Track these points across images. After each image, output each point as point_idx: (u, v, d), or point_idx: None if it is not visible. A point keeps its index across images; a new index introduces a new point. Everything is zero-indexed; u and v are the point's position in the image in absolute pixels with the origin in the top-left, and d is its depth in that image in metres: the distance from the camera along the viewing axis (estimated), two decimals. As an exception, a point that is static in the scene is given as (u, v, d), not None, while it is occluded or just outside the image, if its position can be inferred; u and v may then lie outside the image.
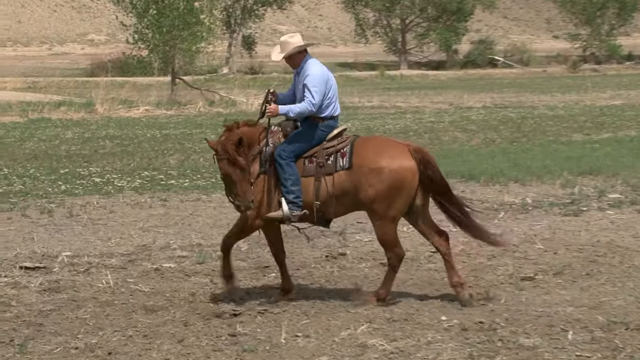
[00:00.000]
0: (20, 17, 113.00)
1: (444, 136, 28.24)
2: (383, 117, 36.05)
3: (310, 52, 10.75)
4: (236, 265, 12.26)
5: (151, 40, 49.75)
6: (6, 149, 25.96)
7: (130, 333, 9.37)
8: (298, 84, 10.63)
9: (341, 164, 10.36)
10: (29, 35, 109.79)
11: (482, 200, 17.03)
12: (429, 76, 75.98)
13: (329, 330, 9.33)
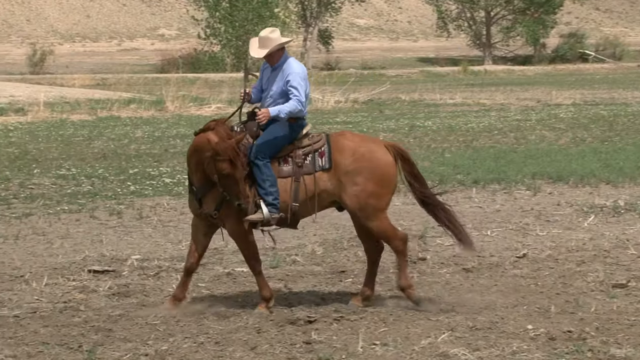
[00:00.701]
0: (89, 12, 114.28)
1: (531, 135, 28.01)
2: (466, 114, 35.82)
3: (389, 47, 10.71)
4: (311, 270, 12.32)
5: (223, 35, 50.09)
6: (74, 148, 26.28)
7: (201, 340, 9.44)
8: (274, 81, 10.72)
9: (320, 163, 10.54)
10: (97, 31, 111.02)
11: (571, 203, 16.89)
12: (515, 72, 75.41)
13: (408, 339, 9.30)
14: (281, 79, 10.63)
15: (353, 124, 32.83)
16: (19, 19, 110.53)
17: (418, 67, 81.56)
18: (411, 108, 40.24)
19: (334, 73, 68.95)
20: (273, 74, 10.74)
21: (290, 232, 14.65)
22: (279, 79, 10.64)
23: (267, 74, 10.84)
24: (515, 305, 10.54)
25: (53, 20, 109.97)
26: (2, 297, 11.06)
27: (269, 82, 10.77)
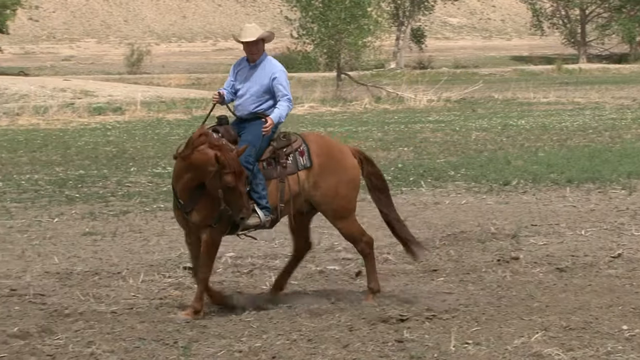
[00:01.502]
0: (185, 12, 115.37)
1: (627, 134, 27.64)
2: (560, 113, 35.47)
3: (482, 46, 10.65)
4: (402, 268, 12.27)
5: (316, 35, 50.07)
6: (170, 147, 26.47)
7: (294, 337, 9.46)
8: (253, 79, 10.65)
9: (302, 162, 10.58)
10: (193, 31, 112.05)
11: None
12: (610, 70, 74.43)
13: (501, 338, 9.24)
14: (263, 77, 10.59)
15: (445, 123, 32.72)
16: (117, 20, 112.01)
17: (511, 66, 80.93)
18: (504, 107, 39.96)
19: (427, 72, 68.69)
20: (251, 72, 10.67)
21: (381, 231, 14.67)
22: (259, 77, 10.60)
23: (243, 73, 10.74)
24: (609, 305, 10.40)
25: (150, 21, 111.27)
26: (100, 293, 11.22)
27: (247, 80, 10.66)
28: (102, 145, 27.31)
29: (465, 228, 14.78)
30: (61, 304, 10.76)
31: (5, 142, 28.16)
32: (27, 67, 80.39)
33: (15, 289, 11.43)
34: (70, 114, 38.41)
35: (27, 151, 25.86)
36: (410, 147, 25.49)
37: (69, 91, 47.44)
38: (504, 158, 22.70)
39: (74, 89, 48.44)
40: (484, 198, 17.73)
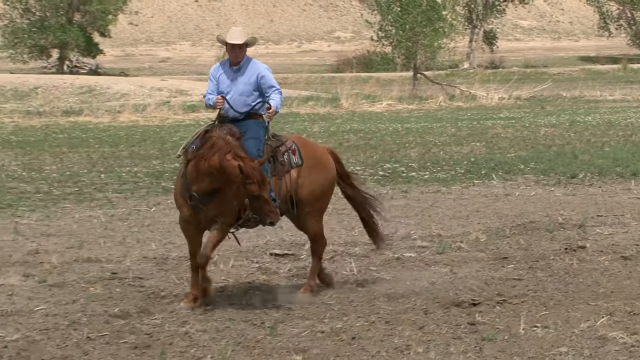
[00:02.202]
0: (272, 17, 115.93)
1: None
2: (625, 110, 34.98)
3: (551, 47, 10.49)
4: (474, 256, 12.22)
5: (394, 37, 50.01)
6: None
7: (372, 319, 9.48)
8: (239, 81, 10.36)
9: (294, 160, 10.43)
10: (279, 34, 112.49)
11: None
12: (674, 69, 73.13)
13: (568, 322, 9.16)
14: (249, 77, 10.35)
15: (515, 120, 32.47)
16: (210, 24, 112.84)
17: (579, 66, 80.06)
18: (572, 104, 39.55)
19: (498, 71, 68.14)
20: (236, 75, 10.37)
21: (455, 220, 14.63)
22: (245, 78, 10.35)
23: (228, 76, 10.40)
24: (673, 291, 10.27)
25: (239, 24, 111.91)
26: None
27: (234, 83, 10.35)
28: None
29: (534, 218, 14.67)
30: (158, 286, 10.89)
31: (107, 138, 28.54)
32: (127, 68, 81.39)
33: (116, 273, 11.59)
34: (167, 111, 38.83)
35: (127, 146, 26.18)
36: (482, 142, 25.34)
37: (165, 90, 47.96)
38: (572, 152, 22.48)
39: (170, 88, 48.97)
40: (552, 190, 17.58)
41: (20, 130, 31.34)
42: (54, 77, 57.90)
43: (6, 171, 20.89)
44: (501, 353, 8.28)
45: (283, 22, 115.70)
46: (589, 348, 8.37)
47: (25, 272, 11.51)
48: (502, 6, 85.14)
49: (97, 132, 30.37)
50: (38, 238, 13.70)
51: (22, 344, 8.77)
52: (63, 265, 11.95)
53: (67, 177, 19.92)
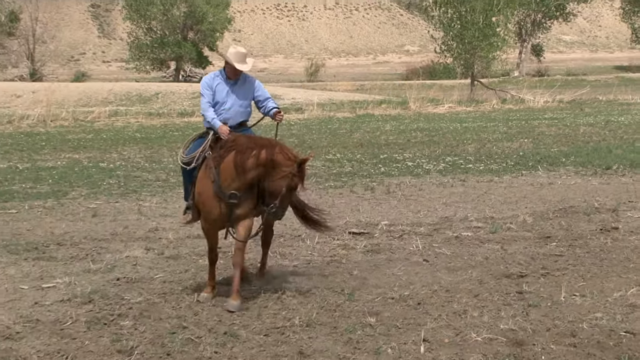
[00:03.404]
0: (352, 33, 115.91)
1: None
2: (653, 111, 34.33)
3: (589, 57, 10.29)
4: (522, 235, 12.09)
5: (455, 50, 49.75)
6: (339, 138, 26.75)
7: (435, 288, 9.43)
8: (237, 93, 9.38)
9: None
10: (358, 48, 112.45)
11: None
12: (697, 76, 71.54)
13: (602, 292, 9.03)
14: (247, 90, 9.44)
15: (558, 120, 32.05)
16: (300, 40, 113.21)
17: (614, 74, 78.79)
18: (607, 106, 38.91)
19: (544, 79, 67.34)
20: (233, 88, 9.37)
21: (506, 205, 14.48)
22: (244, 91, 9.43)
23: (223, 88, 9.36)
24: (693, 267, 10.04)
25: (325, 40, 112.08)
26: (284, 252, 11.37)
27: (231, 95, 9.38)
28: (287, 137, 27.64)
29: (573, 203, 14.47)
30: (256, 259, 10.95)
31: (214, 135, 28.75)
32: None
33: (219, 247, 11.67)
34: (263, 113, 39.00)
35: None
36: (529, 139, 25.06)
37: (263, 95, 48.17)
38: (607, 148, 22.13)
39: (266, 93, 49.14)
40: (590, 179, 17.32)
41: (143, 129, 31.79)
42: (171, 84, 58.60)
43: (132, 162, 21.20)
44: (545, 317, 8.19)
45: (361, 38, 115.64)
46: (620, 314, 8.24)
47: (147, 246, 11.68)
48: (548, 24, 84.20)
49: (206, 130, 30.62)
50: (157, 218, 13.89)
51: (144, 305, 8.90)
52: (177, 241, 12.09)
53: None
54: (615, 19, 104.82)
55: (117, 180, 18.09)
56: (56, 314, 8.56)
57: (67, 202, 15.39)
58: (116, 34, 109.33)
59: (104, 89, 51.50)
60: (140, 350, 7.46)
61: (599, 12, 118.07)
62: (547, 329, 7.81)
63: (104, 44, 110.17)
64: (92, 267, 10.54)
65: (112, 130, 31.48)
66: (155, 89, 51.86)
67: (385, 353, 7.23)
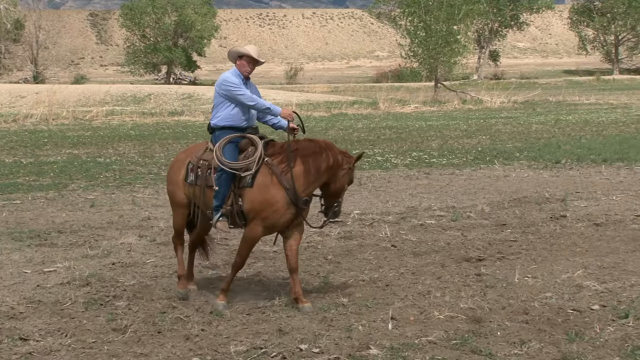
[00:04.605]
0: (327, 40, 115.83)
1: (648, 126, 26.75)
2: (598, 111, 34.51)
3: (541, 63, 10.32)
4: (480, 222, 12.11)
5: (420, 55, 49.85)
6: (316, 135, 26.64)
7: (402, 271, 9.43)
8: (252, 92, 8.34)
9: None
10: (332, 53, 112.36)
11: None
12: (637, 80, 72.00)
13: (552, 274, 9.05)
14: (254, 91, 8.42)
15: (513, 118, 32.17)
16: (280, 46, 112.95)
17: (562, 77, 79.19)
18: (556, 107, 39.11)
19: (500, 82, 67.60)
20: (248, 88, 8.33)
21: (466, 196, 14.50)
22: (254, 91, 8.44)
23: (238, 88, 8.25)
24: (633, 250, 10.11)
25: (302, 46, 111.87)
26: (265, 238, 11.28)
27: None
28: (268, 134, 27.48)
29: (526, 194, 14.52)
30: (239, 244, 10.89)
31: (202, 132, 28.63)
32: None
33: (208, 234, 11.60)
34: (247, 112, 38.90)
35: (217, 138, 26.26)
36: (487, 136, 25.13)
37: (246, 96, 48.04)
38: (556, 144, 22.23)
39: (250, 95, 49.04)
40: (541, 172, 17.39)
41: (137, 127, 31.61)
42: (163, 86, 58.30)
43: (126, 157, 21.07)
44: (500, 297, 8.20)
45: (335, 44, 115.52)
46: (568, 293, 8.27)
47: (140, 234, 11.61)
48: (503, 32, 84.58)
49: (195, 128, 30.53)
50: (150, 208, 13.80)
51: (137, 287, 8.83)
52: (168, 229, 11.99)
53: (172, 162, 20.02)
54: (564, 27, 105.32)
55: (113, 173, 17.97)
56: (56, 296, 8.49)
57: (67, 194, 15.28)
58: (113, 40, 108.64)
59: (101, 91, 51.16)
60: (133, 328, 7.40)
61: (550, 22, 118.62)
62: (502, 307, 7.82)
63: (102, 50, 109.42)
64: (89, 252, 10.46)
65: (108, 128, 31.28)
66: (148, 91, 51.55)
67: (356, 330, 7.21)
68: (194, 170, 8.27)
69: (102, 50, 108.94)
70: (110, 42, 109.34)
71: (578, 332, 6.96)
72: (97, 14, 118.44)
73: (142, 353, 6.79)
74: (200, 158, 8.26)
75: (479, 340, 6.88)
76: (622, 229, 11.43)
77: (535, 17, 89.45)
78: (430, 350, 6.67)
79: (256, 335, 7.16)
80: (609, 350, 6.54)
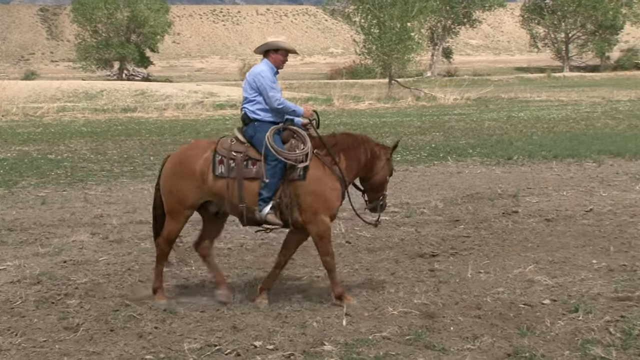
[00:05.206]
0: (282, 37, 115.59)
1: (597, 123, 27.13)
2: (549, 108, 34.94)
3: (493, 60, 10.38)
4: (434, 219, 12.20)
5: (374, 52, 49.97)
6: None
7: (356, 267, 9.46)
8: None
9: None
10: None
11: (626, 172, 16.29)
12: (586, 77, 73.15)
13: (504, 269, 9.15)
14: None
15: (466, 115, 32.42)
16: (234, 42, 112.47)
17: (514, 74, 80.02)
18: (509, 103, 39.51)
19: (453, 79, 68.15)
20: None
21: (420, 192, 14.58)
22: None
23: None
24: (583, 245, 10.25)
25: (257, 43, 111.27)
26: (220, 236, 11.28)
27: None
28: (222, 131, 27.41)
29: (479, 190, 14.65)
30: (193, 242, 10.83)
31: (155, 129, 28.46)
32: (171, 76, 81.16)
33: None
34: (201, 109, 38.71)
35: (170, 135, 26.10)
36: (440, 132, 25.30)
37: (200, 93, 47.82)
38: (508, 140, 22.46)
39: (203, 91, 48.82)
40: (493, 169, 17.56)
41: (89, 123, 31.26)
42: (115, 82, 57.73)
43: (78, 154, 20.83)
44: (453, 292, 8.27)
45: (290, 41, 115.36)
46: (519, 288, 8.36)
47: (92, 231, 11.48)
48: (456, 29, 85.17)
49: (148, 125, 30.29)
50: (102, 205, 13.66)
51: (89, 285, 8.74)
52: (121, 226, 11.91)
53: (124, 159, 19.86)
54: (515, 25, 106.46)
55: (64, 170, 17.74)
56: (6, 294, 8.36)
57: (18, 191, 15.05)
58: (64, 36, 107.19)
59: (52, 87, 50.48)
60: (85, 327, 7.32)
61: (502, 20, 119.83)
62: (455, 302, 7.88)
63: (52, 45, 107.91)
64: (40, 250, 10.32)
65: (59, 124, 30.88)
66: (101, 87, 50.99)
67: (311, 326, 7.22)
68: (224, 162, 7.81)
69: (53, 46, 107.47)
70: (62, 38, 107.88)
71: (529, 327, 7.05)
72: (47, 9, 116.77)
73: (94, 351, 6.72)
74: (230, 149, 7.84)
75: (432, 335, 6.93)
76: (573, 225, 11.60)
77: (488, 14, 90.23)
78: (384, 345, 6.70)
79: (210, 332, 7.13)
80: (559, 344, 6.64)
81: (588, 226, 11.44)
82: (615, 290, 8.18)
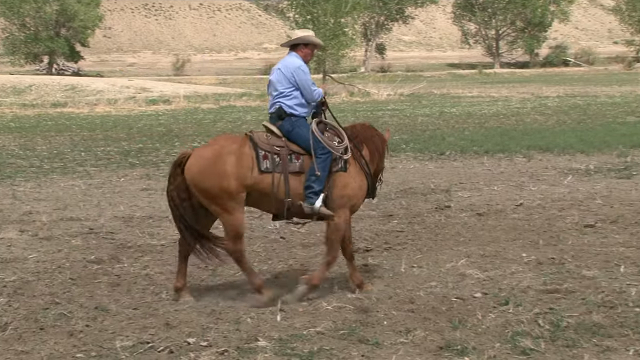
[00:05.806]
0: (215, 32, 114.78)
1: (527, 118, 27.61)
2: (480, 104, 35.43)
3: (426, 56, 10.44)
4: (368, 214, 12.27)
5: (308, 48, 50.06)
6: (204, 127, 26.50)
7: (290, 262, 9.45)
8: None
9: None
10: (220, 45, 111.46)
11: (555, 167, 16.63)
12: (516, 73, 74.35)
13: (437, 263, 9.24)
14: None
15: (399, 110, 32.66)
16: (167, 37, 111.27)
17: (446, 70, 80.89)
18: (441, 99, 39.93)
19: (386, 74, 68.57)
20: None
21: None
22: None
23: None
24: (513, 239, 10.41)
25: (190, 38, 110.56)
26: (153, 232, 11.18)
27: None
28: (155, 126, 27.18)
29: (412, 185, 14.78)
30: (125, 239, 10.73)
31: (86, 124, 28.03)
32: (102, 71, 79.94)
33: (92, 229, 11.39)
34: (133, 104, 38.25)
35: (102, 130, 25.74)
36: (374, 128, 25.41)
37: (132, 88, 47.23)
38: (441, 135, 22.70)
39: (136, 86, 48.24)
40: (426, 164, 17.72)
41: (17, 119, 30.61)
42: (45, 77, 56.62)
43: (6, 150, 20.39)
44: (387, 287, 8.32)
45: (223, 36, 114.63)
46: (452, 282, 8.46)
47: (21, 229, 11.26)
48: (389, 25, 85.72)
49: (78, 120, 29.81)
50: (31, 202, 13.41)
51: (18, 284, 8.57)
52: (51, 223, 11.70)
53: (55, 155, 19.51)
54: (447, 22, 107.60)
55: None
56: None
57: (-57, 188, 14.65)
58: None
59: (-21, 81, 49.25)
60: (14, 325, 7.17)
61: (434, 16, 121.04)
62: (389, 297, 7.93)
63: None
64: (-33, 249, 10.06)
65: (-13, 119, 30.15)
66: (29, 81, 49.96)
67: (245, 322, 7.19)
68: (268, 157, 7.68)
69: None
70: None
71: (461, 320, 7.14)
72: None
73: (23, 351, 6.58)
74: (271, 144, 7.75)
75: (366, 329, 6.97)
76: (503, 219, 11.78)
77: (420, 11, 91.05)
78: (319, 340, 6.71)
79: (143, 329, 7.05)
80: (490, 337, 6.74)
81: (518, 220, 11.64)
82: (544, 283, 8.34)
